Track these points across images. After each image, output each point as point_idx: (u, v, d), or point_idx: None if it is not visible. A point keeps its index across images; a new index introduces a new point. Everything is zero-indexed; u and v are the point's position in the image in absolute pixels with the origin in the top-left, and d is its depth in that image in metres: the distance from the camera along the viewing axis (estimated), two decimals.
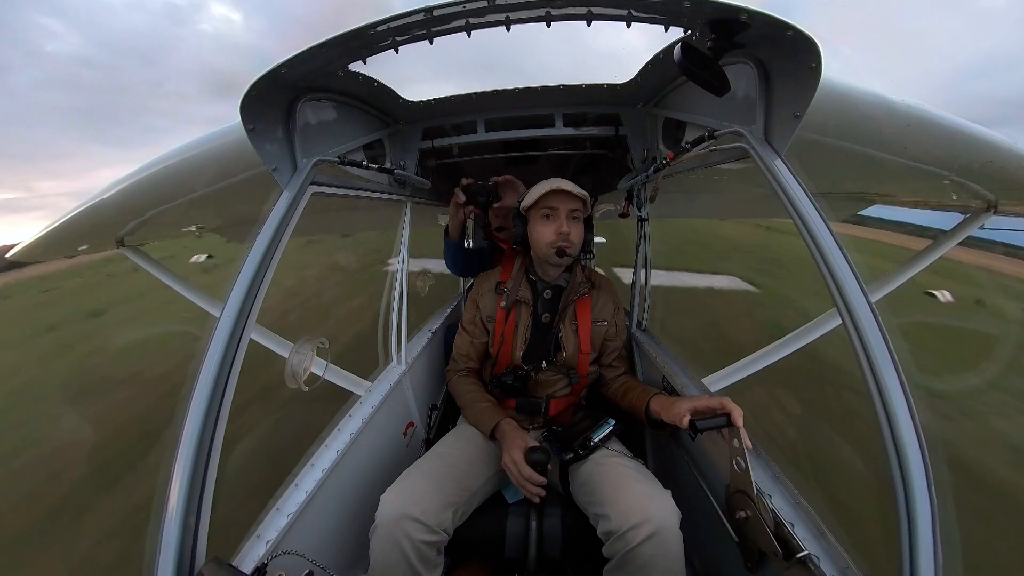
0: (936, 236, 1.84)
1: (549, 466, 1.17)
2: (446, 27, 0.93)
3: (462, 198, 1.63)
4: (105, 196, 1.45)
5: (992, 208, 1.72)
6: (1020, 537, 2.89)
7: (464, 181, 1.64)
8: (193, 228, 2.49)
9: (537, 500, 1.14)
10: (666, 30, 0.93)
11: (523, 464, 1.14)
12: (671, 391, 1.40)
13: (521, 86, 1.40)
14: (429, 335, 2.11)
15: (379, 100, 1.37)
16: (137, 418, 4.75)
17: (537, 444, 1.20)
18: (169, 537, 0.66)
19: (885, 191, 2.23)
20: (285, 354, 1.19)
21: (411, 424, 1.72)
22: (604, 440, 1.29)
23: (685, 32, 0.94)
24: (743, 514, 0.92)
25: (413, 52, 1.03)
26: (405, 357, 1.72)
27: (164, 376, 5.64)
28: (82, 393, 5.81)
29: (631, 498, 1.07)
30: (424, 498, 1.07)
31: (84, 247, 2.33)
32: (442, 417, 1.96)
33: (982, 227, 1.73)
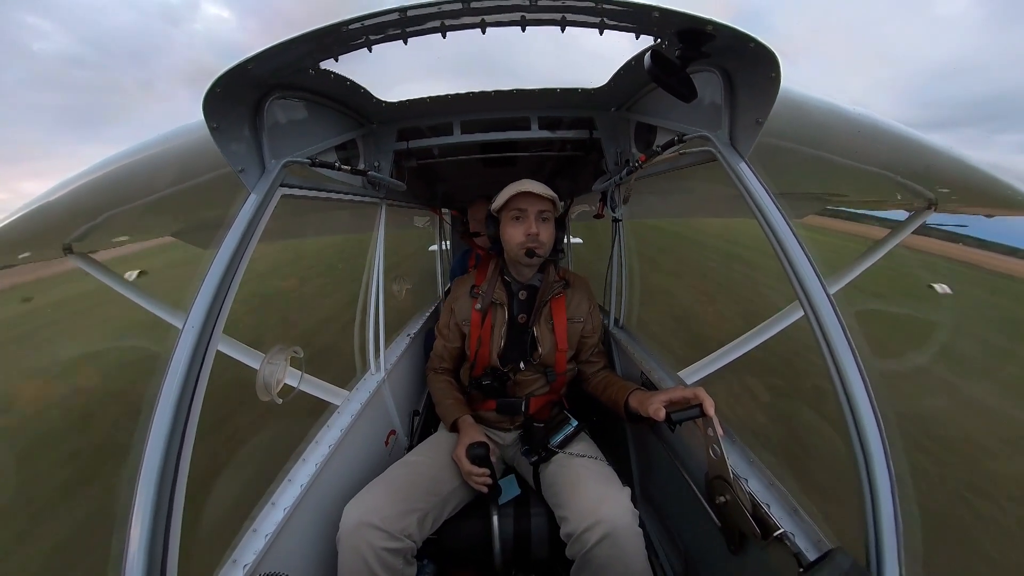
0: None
1: (493, 459, 1.27)
2: (421, 28, 0.92)
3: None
4: (52, 198, 1.34)
5: (933, 206, 1.87)
6: None
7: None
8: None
9: (485, 491, 1.23)
10: (637, 38, 0.96)
11: (464, 459, 1.22)
12: (649, 385, 1.44)
13: (496, 88, 1.40)
14: (408, 340, 2.07)
15: (352, 99, 1.34)
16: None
17: (482, 439, 1.27)
18: (133, 570, 0.59)
19: (839, 191, 2.38)
20: (256, 365, 1.14)
21: (392, 432, 1.69)
22: (563, 443, 1.33)
23: (655, 41, 0.97)
24: (723, 499, 0.96)
25: (390, 50, 1.02)
26: (384, 363, 1.69)
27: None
28: None
29: (583, 501, 1.10)
30: (385, 506, 1.08)
31: (26, 255, 2.14)
32: (424, 422, 1.93)
33: (925, 223, 1.89)
